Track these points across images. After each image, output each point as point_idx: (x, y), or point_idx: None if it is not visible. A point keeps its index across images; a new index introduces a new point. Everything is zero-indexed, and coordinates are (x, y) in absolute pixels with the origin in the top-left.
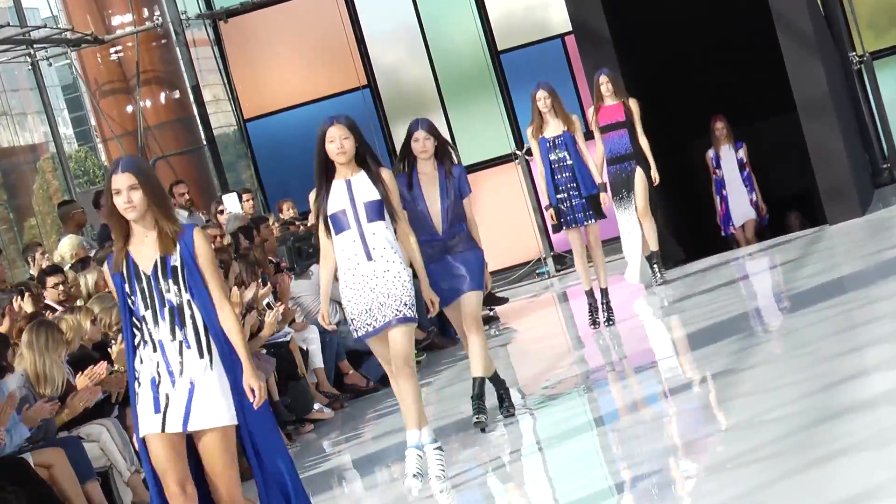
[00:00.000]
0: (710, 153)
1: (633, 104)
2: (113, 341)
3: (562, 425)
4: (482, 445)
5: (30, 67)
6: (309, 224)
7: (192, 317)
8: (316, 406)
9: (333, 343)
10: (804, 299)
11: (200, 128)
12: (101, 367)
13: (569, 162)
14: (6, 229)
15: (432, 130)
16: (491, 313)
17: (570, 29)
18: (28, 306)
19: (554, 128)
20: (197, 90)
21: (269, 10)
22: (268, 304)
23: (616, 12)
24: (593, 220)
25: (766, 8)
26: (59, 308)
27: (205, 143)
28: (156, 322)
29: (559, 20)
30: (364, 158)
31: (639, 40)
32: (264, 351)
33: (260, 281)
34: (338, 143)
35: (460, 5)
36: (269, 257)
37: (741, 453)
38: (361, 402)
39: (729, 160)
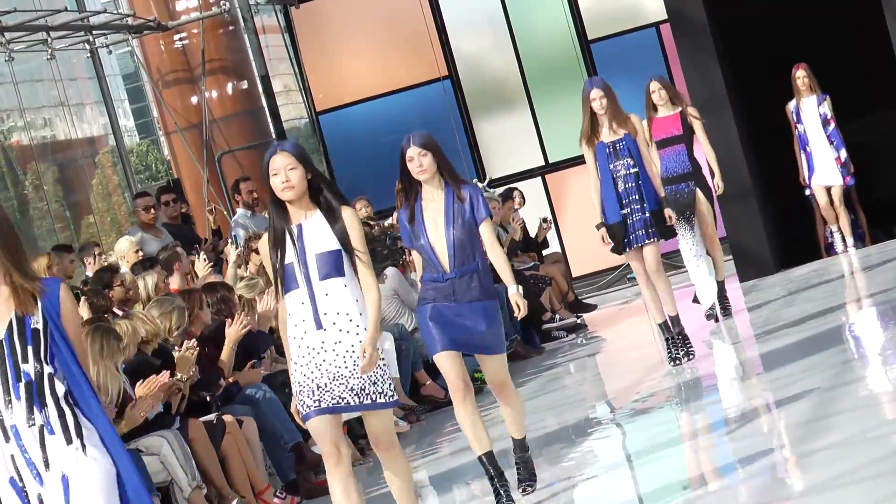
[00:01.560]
0: (791, 105)
1: (692, 111)
2: (175, 347)
3: (653, 441)
4: (567, 462)
5: (88, 55)
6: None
7: (55, 393)
8: None
9: (410, 351)
10: None
11: (270, 121)
12: (164, 377)
13: (633, 170)
14: (62, 227)
15: (428, 145)
16: (578, 321)
17: (666, 16)
18: (85, 312)
19: (612, 131)
20: (266, 80)
21: None
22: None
23: None
24: (656, 239)
25: None
26: (119, 312)
27: (274, 136)
28: (8, 402)
29: (654, 7)
30: (320, 194)
31: (739, 29)
32: None
33: None
34: (282, 175)
35: None
36: None
37: (841, 473)
38: (439, 415)
39: (811, 113)
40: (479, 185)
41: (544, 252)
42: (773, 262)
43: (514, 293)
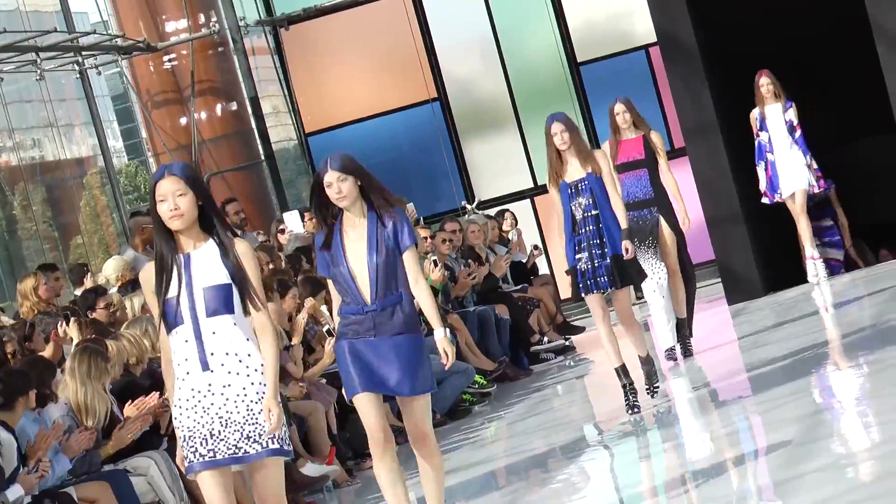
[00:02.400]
0: (755, 113)
1: (655, 137)
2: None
3: (640, 465)
4: (555, 485)
5: (77, 76)
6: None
7: None
8: None
9: None
10: None
11: (259, 142)
12: (153, 398)
13: (594, 212)
14: (51, 248)
15: (348, 168)
16: (567, 343)
17: (655, 39)
18: (74, 333)
19: (575, 169)
20: (255, 102)
21: (334, 17)
22: (328, 331)
23: (704, 21)
24: (622, 287)
25: (866, 20)
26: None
27: (263, 158)
28: None
29: (643, 30)
30: (211, 223)
31: (729, 52)
32: (324, 381)
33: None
34: (170, 201)
35: (538, 14)
36: None
37: (827, 498)
38: None
39: (776, 120)
40: (468, 206)
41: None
42: (762, 285)
43: (442, 338)
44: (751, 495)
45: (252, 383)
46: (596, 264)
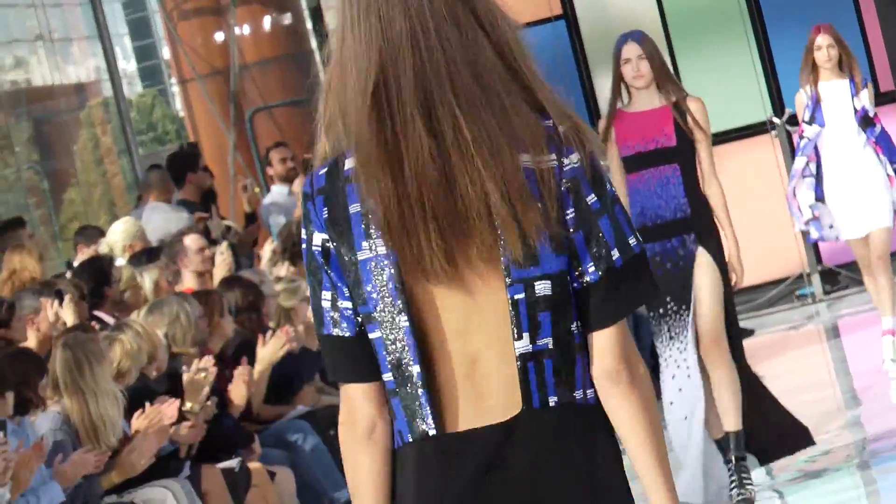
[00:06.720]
0: (803, 96)
1: (695, 107)
2: (185, 367)
3: None
4: None
5: None
6: None
7: None
8: None
9: None
10: None
11: (320, 68)
12: (172, 408)
13: None
14: (37, 202)
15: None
16: None
17: None
18: (69, 315)
19: None
20: (317, 14)
21: None
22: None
23: None
24: None
25: None
26: (108, 319)
27: None
28: None
29: None
30: None
31: None
32: None
33: None
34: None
35: None
36: None
37: None
38: None
39: (838, 105)
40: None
41: None
42: None
43: None
44: None
45: None
46: None
